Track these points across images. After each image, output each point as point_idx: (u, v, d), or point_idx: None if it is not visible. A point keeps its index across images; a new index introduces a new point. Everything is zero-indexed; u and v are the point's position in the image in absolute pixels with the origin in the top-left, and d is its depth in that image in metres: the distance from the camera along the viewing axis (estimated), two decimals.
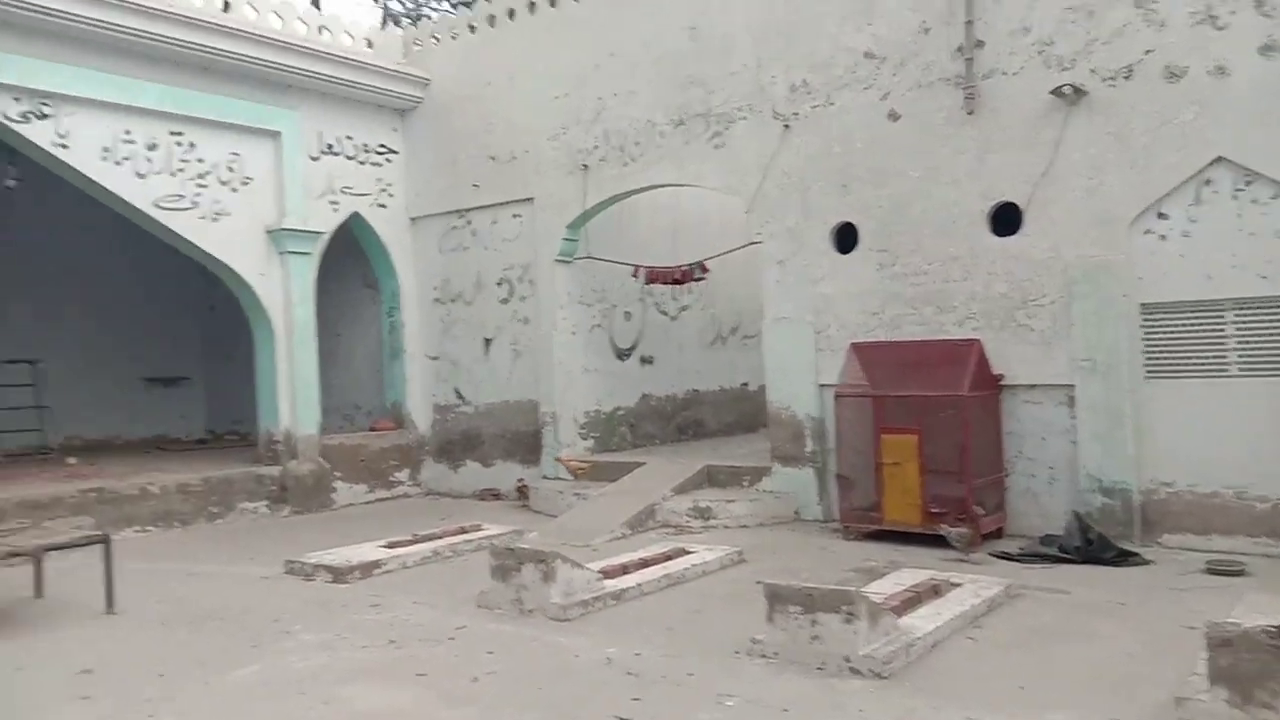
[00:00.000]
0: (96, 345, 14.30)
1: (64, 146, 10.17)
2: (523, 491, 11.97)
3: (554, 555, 6.64)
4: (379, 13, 23.84)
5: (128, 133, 10.61)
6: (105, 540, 7.04)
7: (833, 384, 9.52)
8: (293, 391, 11.76)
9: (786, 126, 10.14)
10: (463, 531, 9.31)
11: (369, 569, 8.05)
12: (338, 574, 7.89)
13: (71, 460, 12.09)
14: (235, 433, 15.12)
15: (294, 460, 11.65)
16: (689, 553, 8.06)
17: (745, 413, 14.28)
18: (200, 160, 11.19)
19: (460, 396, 13.09)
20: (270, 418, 11.80)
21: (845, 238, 9.87)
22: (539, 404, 12.15)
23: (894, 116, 9.50)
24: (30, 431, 12.64)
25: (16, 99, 9.83)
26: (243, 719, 4.87)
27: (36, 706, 5.10)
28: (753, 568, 7.79)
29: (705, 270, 11.49)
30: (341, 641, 6.16)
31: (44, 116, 10.04)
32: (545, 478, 11.88)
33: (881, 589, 6.33)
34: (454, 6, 22.45)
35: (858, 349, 9.37)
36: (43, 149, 10.08)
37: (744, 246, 10.78)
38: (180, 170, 11.03)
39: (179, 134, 11.02)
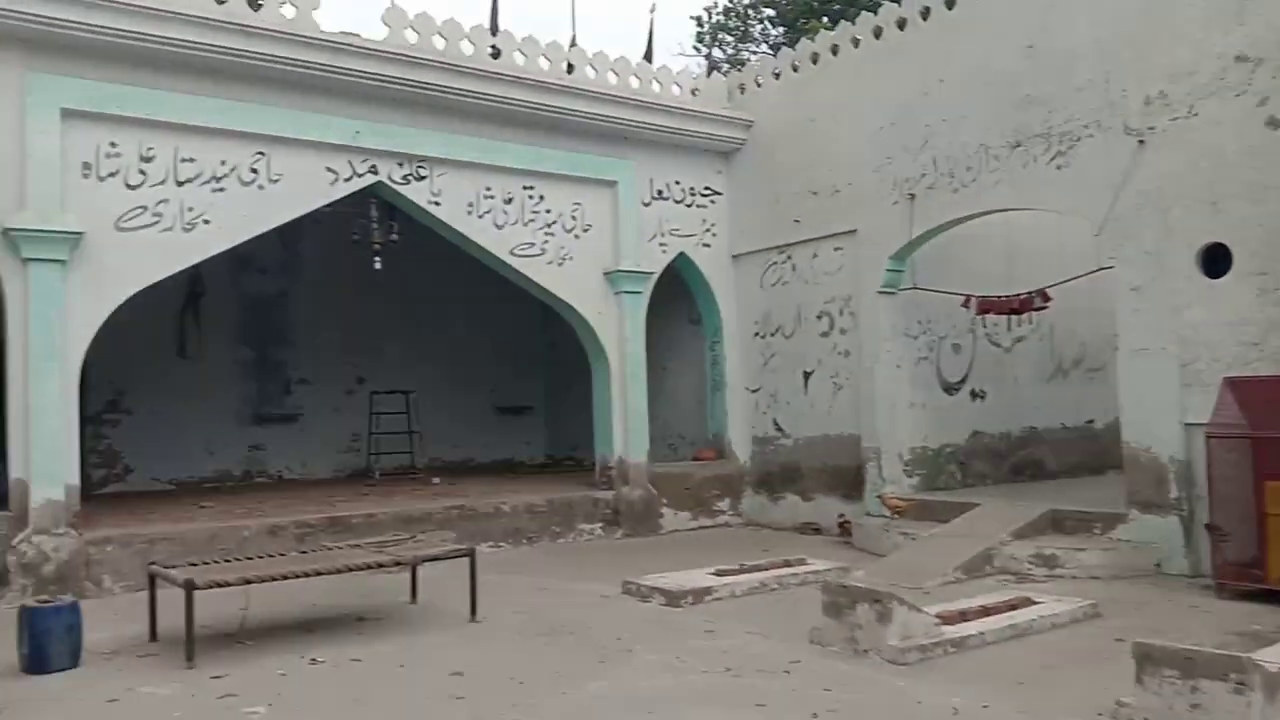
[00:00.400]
0: (456, 378, 15.96)
1: (437, 203, 11.51)
2: (845, 527, 11.79)
3: (890, 596, 6.47)
4: (703, 62, 24.86)
5: (488, 189, 11.82)
6: (471, 554, 7.79)
7: (1202, 423, 8.53)
8: (625, 421, 12.43)
9: (1141, 142, 9.33)
10: (787, 565, 9.32)
11: (701, 595, 8.28)
12: (671, 598, 8.18)
13: (436, 480, 13.53)
14: (572, 458, 16.20)
15: (626, 486, 12.29)
16: (1035, 603, 7.53)
17: (1091, 453, 13.17)
18: (548, 211, 12.22)
19: (779, 429, 13.19)
20: (605, 445, 12.55)
21: (1215, 260, 8.87)
22: (861, 438, 11.95)
23: (1275, 124, 8.45)
24: (403, 454, 14.30)
25: (400, 164, 11.27)
26: None
27: (418, 702, 5.71)
28: (1110, 623, 7.13)
29: (1047, 299, 10.77)
30: (681, 664, 6.37)
31: (421, 178, 11.43)
32: (868, 514, 11.63)
33: (1274, 657, 5.55)
34: (773, 49, 22.90)
35: (1233, 385, 8.35)
36: (420, 206, 11.47)
37: (1093, 272, 10.00)
38: (531, 220, 12.11)
39: (530, 187, 12.11)
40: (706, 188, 13.61)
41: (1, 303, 9.20)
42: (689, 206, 13.43)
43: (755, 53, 24.48)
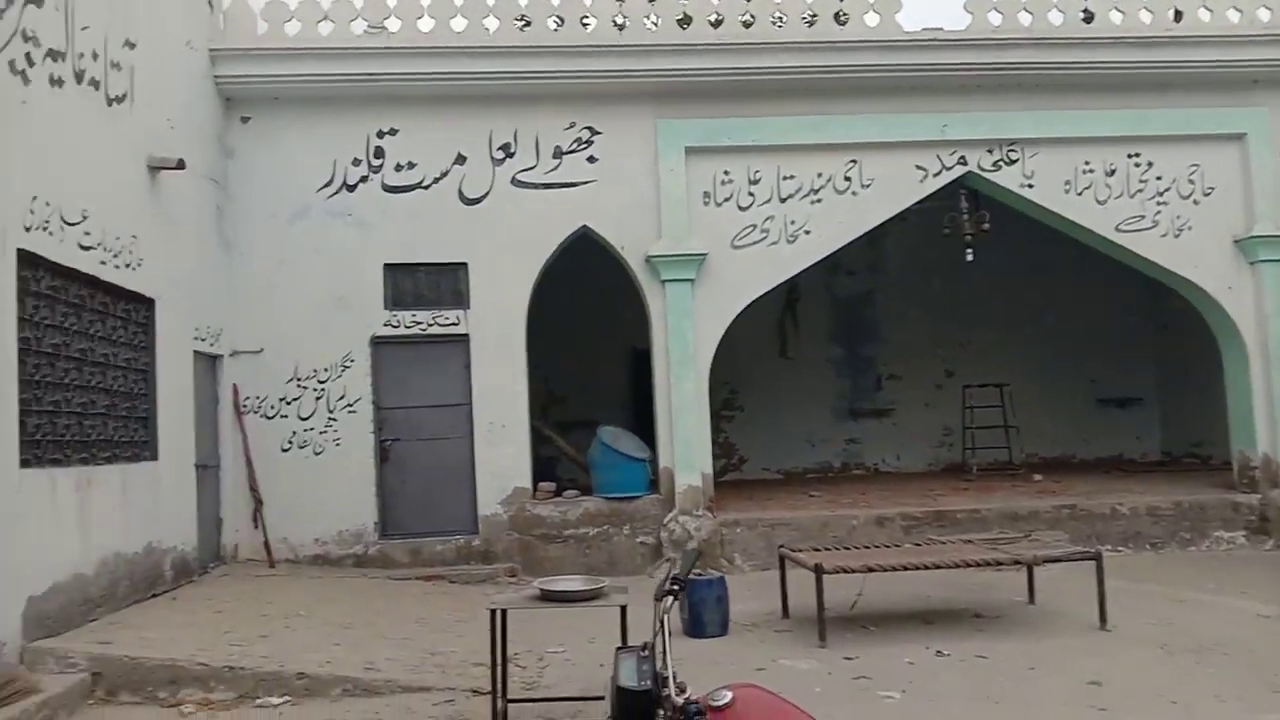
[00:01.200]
0: (1052, 368, 15.04)
1: (1029, 186, 10.98)
2: None
3: None
4: None
5: (1087, 163, 10.96)
6: (1098, 557, 7.25)
7: None
8: (1270, 412, 10.64)
9: None
10: None
11: None
12: None
13: (1038, 477, 12.88)
14: (1195, 456, 14.33)
15: (1276, 489, 10.50)
16: None
17: None
18: (1159, 178, 10.97)
19: None
20: (1244, 441, 10.87)
21: None
22: None
23: None
24: (999, 449, 13.87)
25: (989, 150, 10.96)
26: None
27: (1054, 707, 5.46)
28: None
29: None
30: None
31: (1011, 162, 10.99)
32: None
33: None
34: None
35: None
36: (1011, 191, 11.03)
37: None
38: (1139, 191, 10.97)
39: (1136, 155, 10.98)
40: None
41: (646, 318, 10.82)
42: None
43: None
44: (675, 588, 3.25)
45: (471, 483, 10.30)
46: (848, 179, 10.91)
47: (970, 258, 11.57)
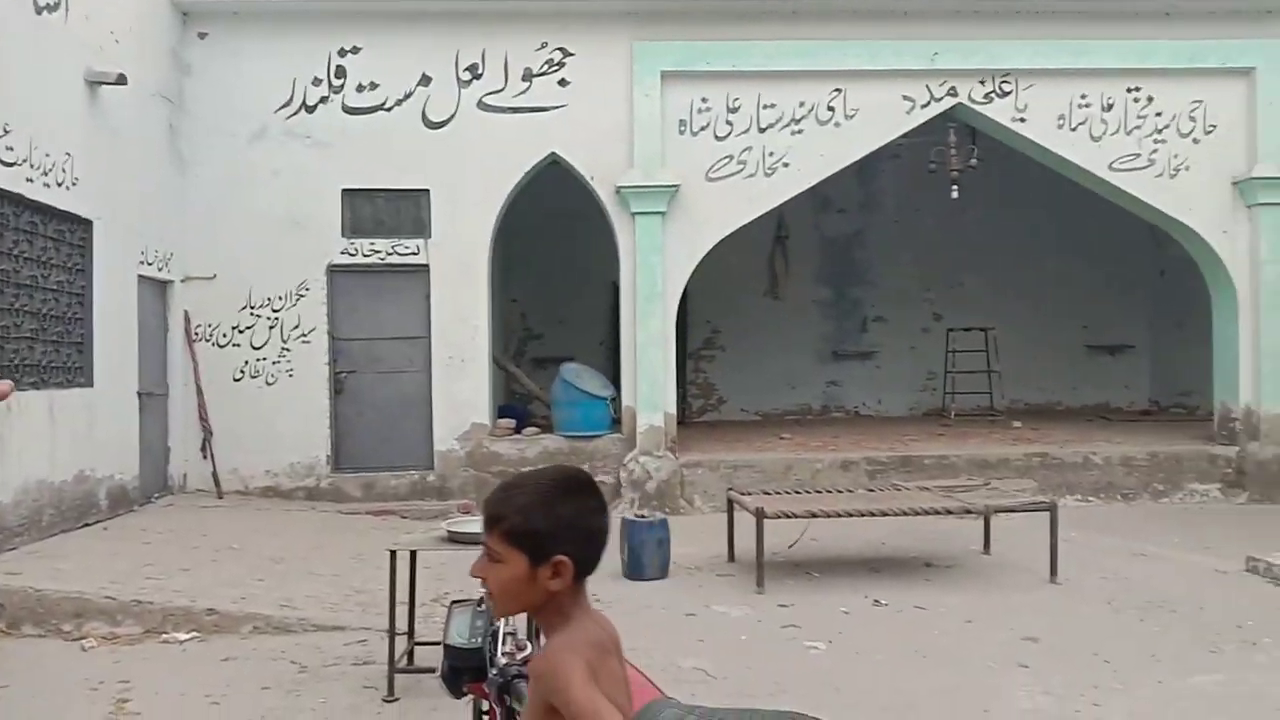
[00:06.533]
0: (1041, 313, 14.62)
1: (1022, 120, 10.46)
2: None
3: None
4: None
5: (1083, 97, 10.43)
6: (1052, 509, 6.98)
7: None
8: (1256, 363, 10.25)
9: None
10: None
11: None
12: None
13: (1017, 424, 12.56)
14: (1182, 406, 13.98)
15: (1254, 442, 10.17)
16: None
17: None
18: (1158, 114, 10.44)
19: None
20: (1227, 392, 10.51)
21: None
22: None
23: None
24: (980, 394, 13.54)
25: (981, 82, 10.43)
26: None
27: (981, 664, 5.21)
28: None
29: None
30: None
31: (1004, 94, 10.46)
32: None
33: None
34: None
35: None
36: (1003, 125, 10.53)
37: None
38: (1136, 128, 10.45)
39: (1135, 89, 10.44)
40: None
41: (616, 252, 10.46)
42: None
43: None
44: None
45: (428, 417, 10.07)
46: (831, 109, 10.43)
47: (955, 194, 11.10)
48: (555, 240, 13.86)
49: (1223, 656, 5.28)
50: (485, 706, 2.68)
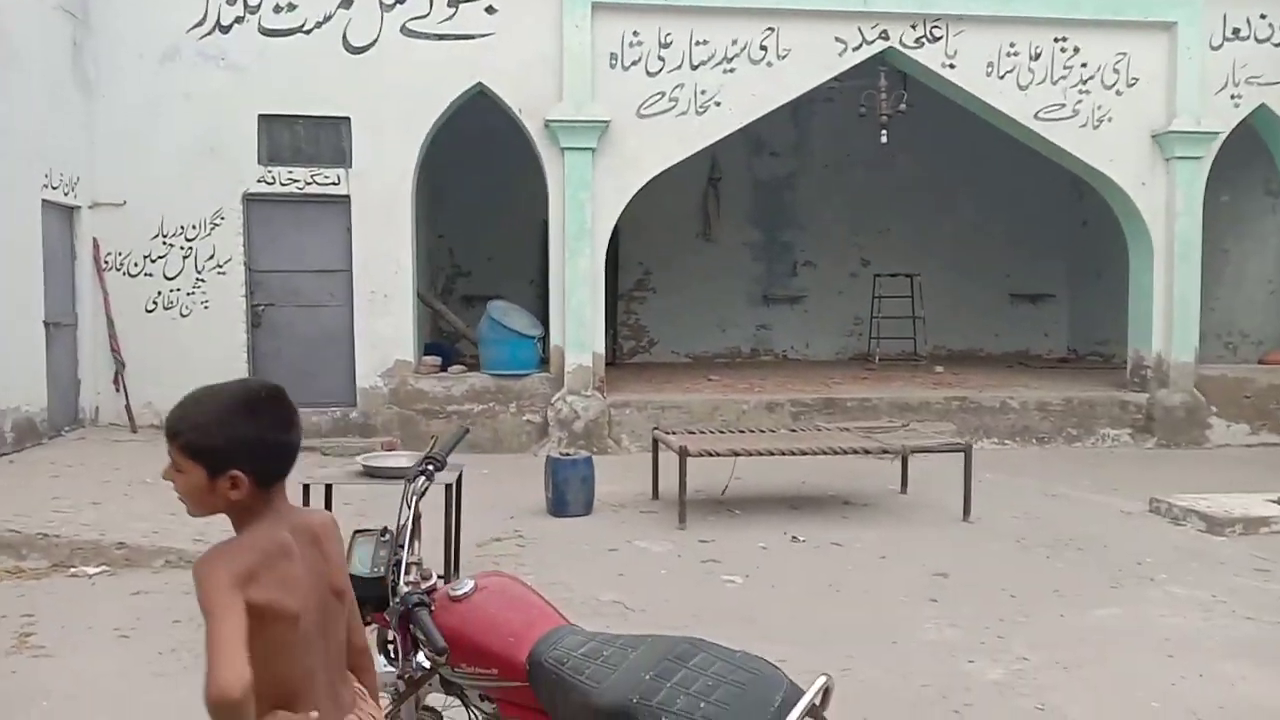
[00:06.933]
0: (966, 261, 14.81)
1: (951, 66, 10.48)
2: None
3: None
4: None
5: (1012, 45, 10.47)
6: (966, 449, 7.14)
7: None
8: (1168, 313, 10.56)
9: None
10: None
11: (1254, 525, 6.80)
12: (1213, 524, 6.82)
13: (939, 369, 12.81)
14: (1098, 354, 14.38)
15: (1164, 389, 10.52)
16: None
17: None
18: (1084, 65, 10.54)
19: None
20: (1140, 340, 10.83)
21: None
22: None
23: None
24: (905, 339, 13.75)
25: (913, 26, 10.40)
26: (1102, 667, 4.38)
27: (892, 598, 5.34)
28: None
29: None
30: (1218, 605, 5.24)
31: (935, 39, 10.45)
32: None
33: None
34: None
35: None
36: (932, 71, 10.53)
37: None
38: (1062, 78, 10.55)
39: (1063, 39, 10.50)
40: None
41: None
42: (1278, 45, 10.72)
43: None
44: (429, 467, 2.90)
45: (350, 353, 9.86)
46: (763, 48, 10.31)
47: (885, 139, 11.10)
48: (484, 176, 13.58)
49: (1122, 591, 5.49)
50: (390, 636, 2.65)
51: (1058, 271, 15.35)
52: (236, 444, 1.76)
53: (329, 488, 5.16)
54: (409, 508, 2.80)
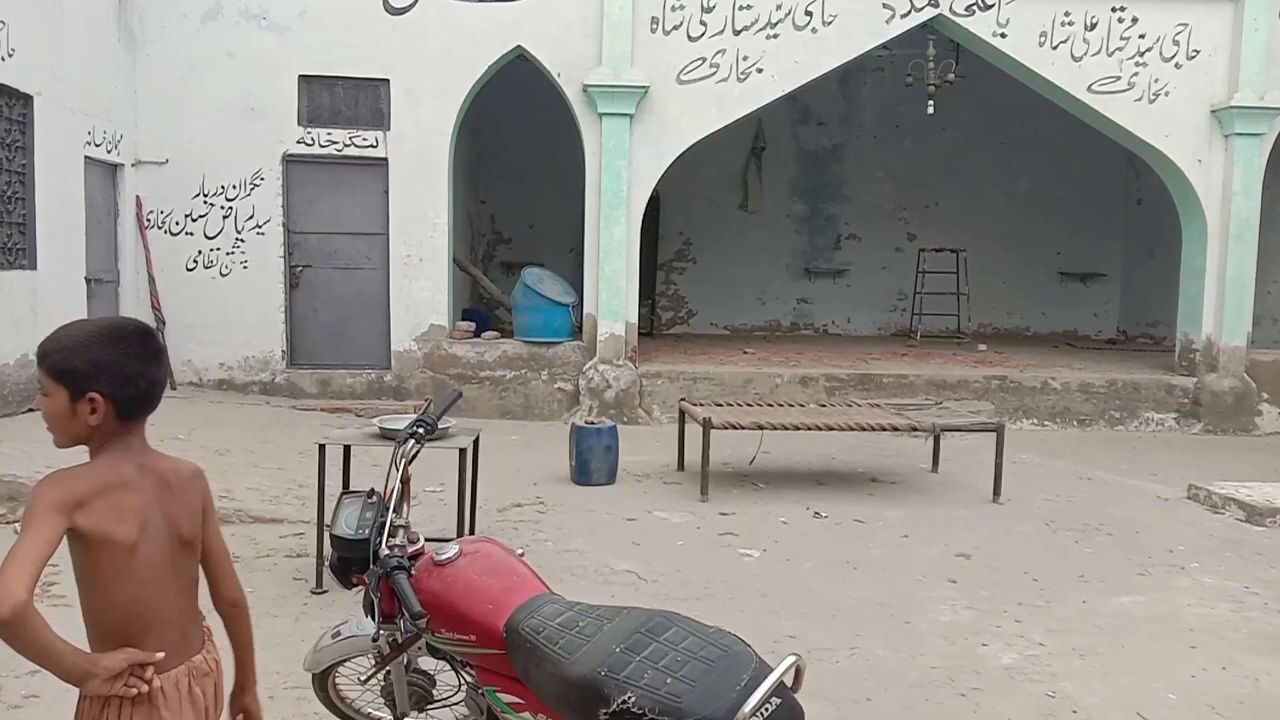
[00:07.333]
0: (1015, 236, 14.48)
1: (1003, 35, 10.17)
2: None
3: None
4: None
5: (1067, 14, 10.13)
6: (999, 429, 6.97)
7: None
8: (1220, 295, 10.21)
9: None
10: None
11: None
12: (1253, 513, 6.60)
13: (982, 347, 12.55)
14: (1149, 336, 14.00)
15: (1212, 373, 10.20)
16: None
17: None
18: (1142, 36, 10.17)
19: None
20: (1190, 323, 10.50)
21: None
22: None
23: None
24: (949, 316, 13.49)
25: None
26: (1120, 656, 4.26)
27: (909, 579, 5.24)
28: None
29: None
30: (1249, 597, 5.06)
31: (987, 7, 10.14)
32: None
33: None
34: None
35: None
36: (983, 40, 10.23)
37: None
38: (1119, 49, 10.18)
39: (1121, 9, 10.14)
40: None
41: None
42: None
43: None
44: (419, 430, 2.88)
45: (386, 316, 9.92)
46: (809, 14, 10.09)
47: (931, 110, 10.84)
48: (528, 143, 13.54)
49: (1149, 579, 5.34)
50: (379, 596, 2.64)
51: (1110, 250, 14.93)
52: (97, 367, 1.82)
53: (347, 449, 5.18)
54: (397, 469, 2.79)
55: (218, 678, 2.04)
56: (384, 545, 2.60)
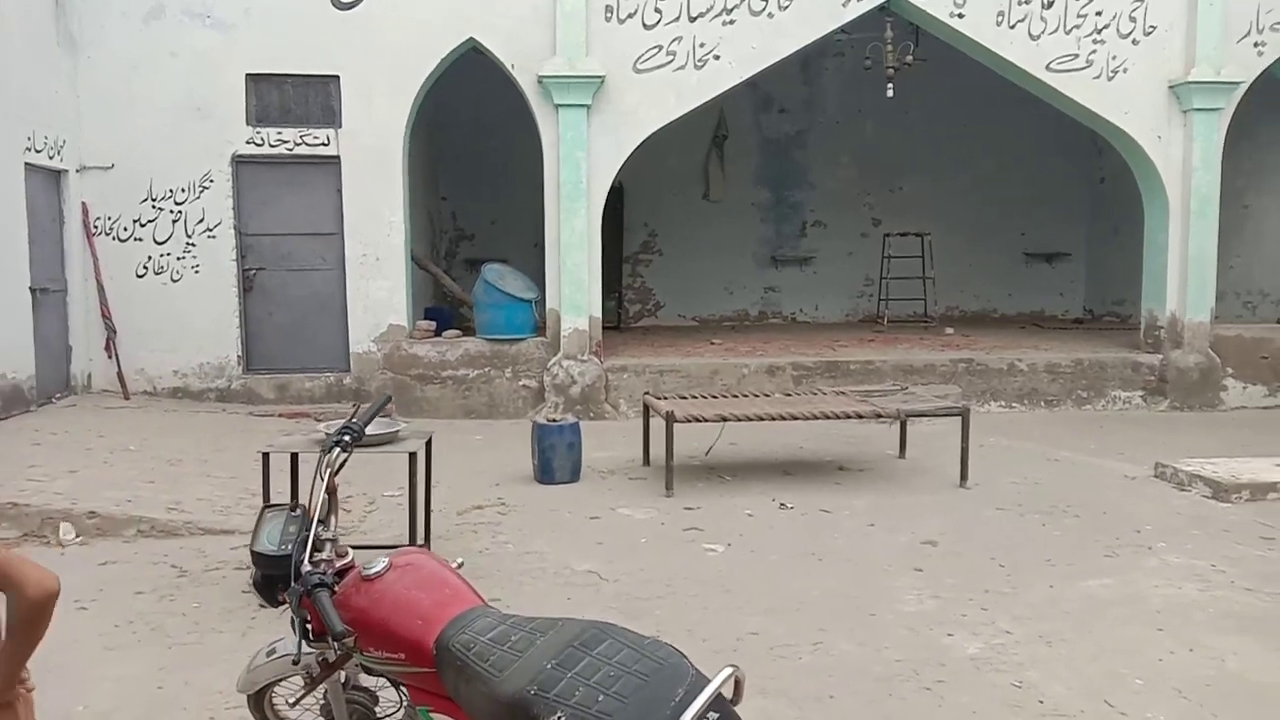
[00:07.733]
0: (979, 219, 14.44)
1: (960, 15, 10.09)
2: None
3: None
4: None
5: None
6: (964, 413, 6.91)
7: None
8: (1184, 271, 10.21)
9: None
10: None
11: (1262, 490, 6.56)
12: (1219, 489, 6.58)
13: (949, 330, 12.52)
14: (1114, 314, 14.03)
15: (1177, 350, 10.21)
16: None
17: None
18: (1099, 13, 10.12)
19: None
20: (1155, 300, 10.50)
21: None
22: None
23: None
24: (915, 300, 13.45)
25: None
26: (1087, 641, 4.19)
27: (874, 569, 5.16)
28: None
29: None
30: (1216, 575, 5.03)
31: None
32: None
33: None
34: None
35: None
36: (941, 21, 10.15)
37: None
38: (1076, 27, 10.14)
39: None
40: None
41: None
42: None
43: None
44: (345, 438, 2.74)
45: (343, 317, 9.72)
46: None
47: (891, 93, 10.76)
48: (487, 136, 13.34)
49: (1116, 560, 5.29)
50: (304, 616, 2.50)
51: (1074, 230, 14.94)
52: None
53: (294, 456, 5.02)
54: (322, 480, 2.65)
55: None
56: (307, 561, 2.47)
